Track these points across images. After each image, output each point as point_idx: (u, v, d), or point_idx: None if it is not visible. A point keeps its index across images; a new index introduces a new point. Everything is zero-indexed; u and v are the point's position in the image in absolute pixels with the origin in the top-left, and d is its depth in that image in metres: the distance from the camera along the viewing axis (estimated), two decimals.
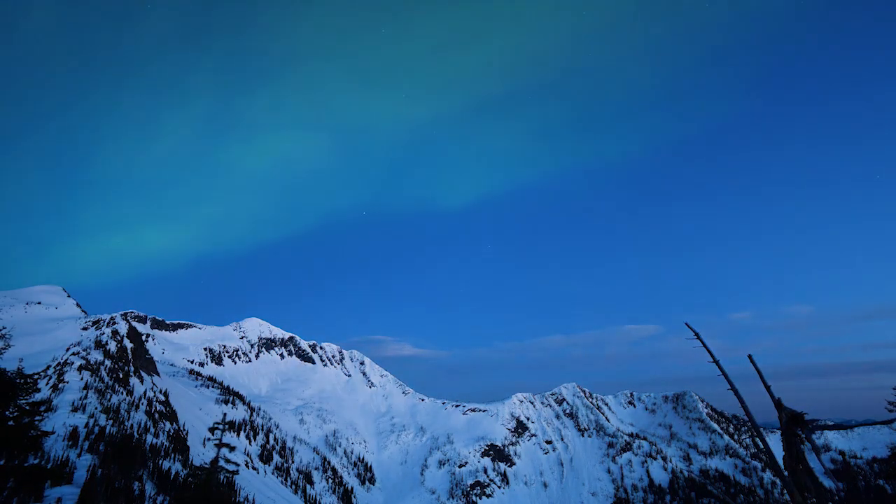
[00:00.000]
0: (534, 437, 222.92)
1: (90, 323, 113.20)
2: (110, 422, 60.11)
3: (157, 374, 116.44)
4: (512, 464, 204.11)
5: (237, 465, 29.04)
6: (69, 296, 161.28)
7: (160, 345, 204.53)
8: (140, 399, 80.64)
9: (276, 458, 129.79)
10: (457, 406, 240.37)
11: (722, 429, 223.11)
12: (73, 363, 76.98)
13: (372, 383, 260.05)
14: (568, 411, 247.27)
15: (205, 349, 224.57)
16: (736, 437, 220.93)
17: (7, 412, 19.02)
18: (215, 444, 26.41)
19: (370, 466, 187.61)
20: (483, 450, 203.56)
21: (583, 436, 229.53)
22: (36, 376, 21.68)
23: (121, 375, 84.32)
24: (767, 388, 10.40)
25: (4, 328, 22.49)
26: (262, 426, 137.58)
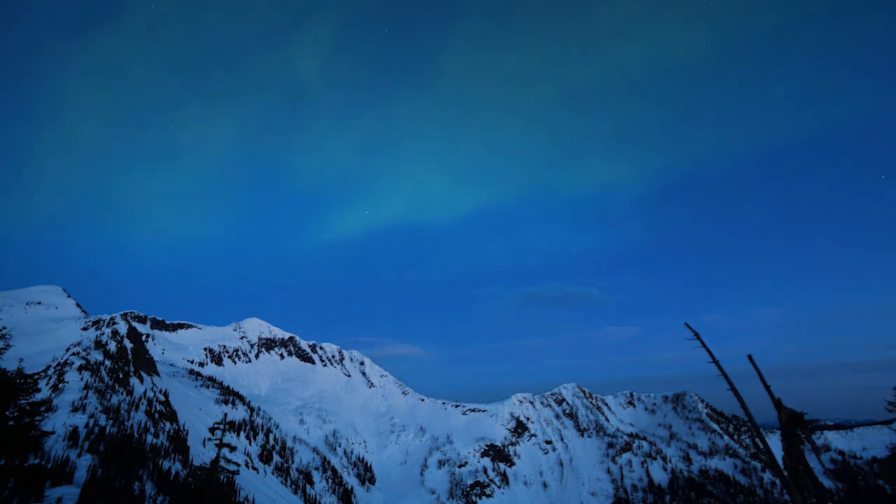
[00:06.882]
0: (534, 438, 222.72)
1: (90, 323, 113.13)
2: (110, 422, 60.04)
3: (157, 374, 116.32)
4: (512, 464, 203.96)
5: (237, 465, 29.06)
6: (69, 296, 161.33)
7: (160, 345, 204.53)
8: (140, 399, 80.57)
9: (276, 458, 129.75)
10: (457, 406, 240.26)
11: (722, 429, 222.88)
12: (73, 363, 76.90)
13: (372, 383, 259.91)
14: (568, 411, 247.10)
15: (205, 349, 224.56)
16: (736, 437, 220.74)
17: (7, 412, 19.04)
18: (215, 444, 26.43)
19: (370, 466, 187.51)
20: (483, 450, 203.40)
21: (582, 436, 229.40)
22: (36, 376, 21.70)
23: (121, 375, 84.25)
24: (767, 388, 10.39)
25: (4, 328, 22.48)
26: (262, 426, 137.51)
